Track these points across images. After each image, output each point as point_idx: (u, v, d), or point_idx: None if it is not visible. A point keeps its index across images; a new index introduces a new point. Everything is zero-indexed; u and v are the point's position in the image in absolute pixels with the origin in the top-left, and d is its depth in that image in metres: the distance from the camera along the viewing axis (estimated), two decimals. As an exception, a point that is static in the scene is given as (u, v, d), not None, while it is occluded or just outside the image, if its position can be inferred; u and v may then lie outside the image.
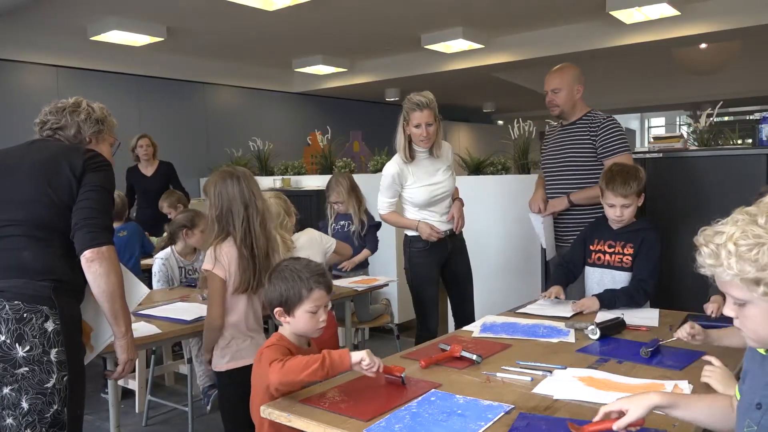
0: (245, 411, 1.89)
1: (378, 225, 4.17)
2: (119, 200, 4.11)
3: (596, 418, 1.33)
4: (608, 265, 2.68)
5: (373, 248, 4.15)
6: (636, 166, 2.70)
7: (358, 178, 5.75)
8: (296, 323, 1.87)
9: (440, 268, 3.36)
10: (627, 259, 2.63)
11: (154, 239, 5.19)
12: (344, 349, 1.70)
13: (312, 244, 3.11)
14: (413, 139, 3.17)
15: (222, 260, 2.27)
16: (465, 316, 3.41)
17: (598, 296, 2.55)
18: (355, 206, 4.10)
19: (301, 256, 2.67)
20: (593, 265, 2.73)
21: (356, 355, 1.66)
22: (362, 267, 4.16)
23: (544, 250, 3.27)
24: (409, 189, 3.25)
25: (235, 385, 2.29)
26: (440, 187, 3.24)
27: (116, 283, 1.89)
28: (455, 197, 3.38)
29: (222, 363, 2.34)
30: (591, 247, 2.74)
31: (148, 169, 5.49)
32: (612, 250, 2.68)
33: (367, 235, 4.12)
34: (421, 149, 3.20)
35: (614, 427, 1.30)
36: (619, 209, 2.60)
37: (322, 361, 1.64)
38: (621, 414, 1.31)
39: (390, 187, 3.26)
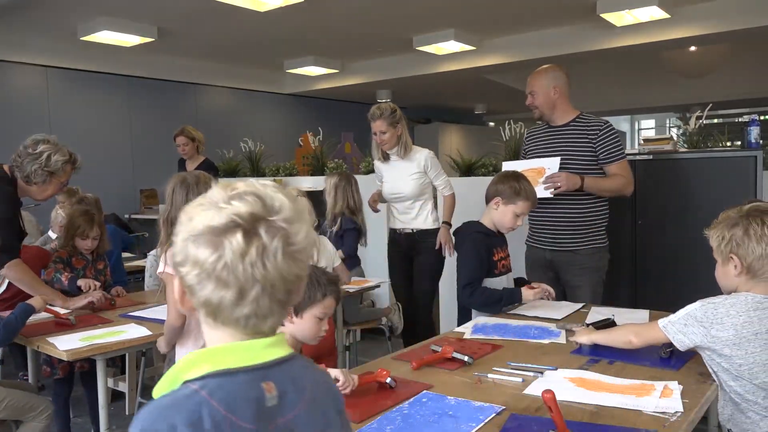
0: None
1: (357, 230, 4.05)
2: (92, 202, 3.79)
3: None
4: (507, 270, 2.74)
5: (345, 251, 3.87)
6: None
7: (350, 180, 5.74)
8: (301, 325, 1.86)
9: (410, 262, 3.77)
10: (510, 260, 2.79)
11: None
12: (321, 365, 1.69)
13: (324, 252, 3.06)
14: None
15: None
16: (411, 311, 3.78)
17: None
18: (332, 203, 3.94)
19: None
20: (500, 274, 2.70)
21: (331, 373, 1.66)
22: (355, 266, 4.09)
23: None
24: (383, 183, 3.82)
25: None
26: (395, 188, 3.69)
27: (26, 282, 2.68)
28: (445, 220, 3.70)
29: None
30: (494, 258, 2.69)
31: (190, 165, 5.33)
32: (505, 254, 2.76)
33: (343, 236, 3.91)
34: (392, 152, 3.68)
35: None
36: (521, 219, 2.67)
37: None
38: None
39: (376, 176, 3.95)
